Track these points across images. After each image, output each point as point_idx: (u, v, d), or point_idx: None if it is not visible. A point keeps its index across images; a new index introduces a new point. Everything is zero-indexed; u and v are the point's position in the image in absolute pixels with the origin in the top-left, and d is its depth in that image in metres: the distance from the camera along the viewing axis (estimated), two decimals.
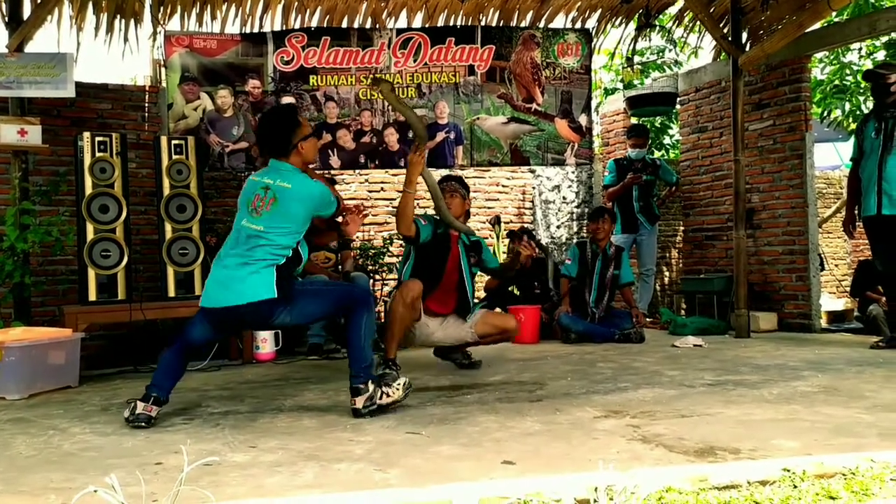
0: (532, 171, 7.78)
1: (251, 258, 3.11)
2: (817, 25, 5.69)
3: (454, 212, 4.33)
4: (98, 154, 4.77)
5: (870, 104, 8.10)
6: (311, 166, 3.54)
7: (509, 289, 6.41)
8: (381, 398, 3.12)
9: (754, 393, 3.36)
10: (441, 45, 5.83)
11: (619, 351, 5.05)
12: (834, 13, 5.83)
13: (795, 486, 1.99)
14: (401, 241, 7.05)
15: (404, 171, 6.93)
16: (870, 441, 2.42)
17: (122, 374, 4.75)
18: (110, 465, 2.41)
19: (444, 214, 4.24)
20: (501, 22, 6.31)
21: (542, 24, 6.36)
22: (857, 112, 8.23)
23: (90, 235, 4.71)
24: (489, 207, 7.63)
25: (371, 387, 3.13)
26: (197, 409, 3.43)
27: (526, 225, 7.61)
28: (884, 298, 5.94)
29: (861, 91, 8.22)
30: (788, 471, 2.08)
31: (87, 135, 4.79)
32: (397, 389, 3.16)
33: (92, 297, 4.71)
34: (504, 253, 6.89)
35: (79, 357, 4.28)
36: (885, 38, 7.60)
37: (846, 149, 12.24)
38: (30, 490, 2.18)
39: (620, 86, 9.06)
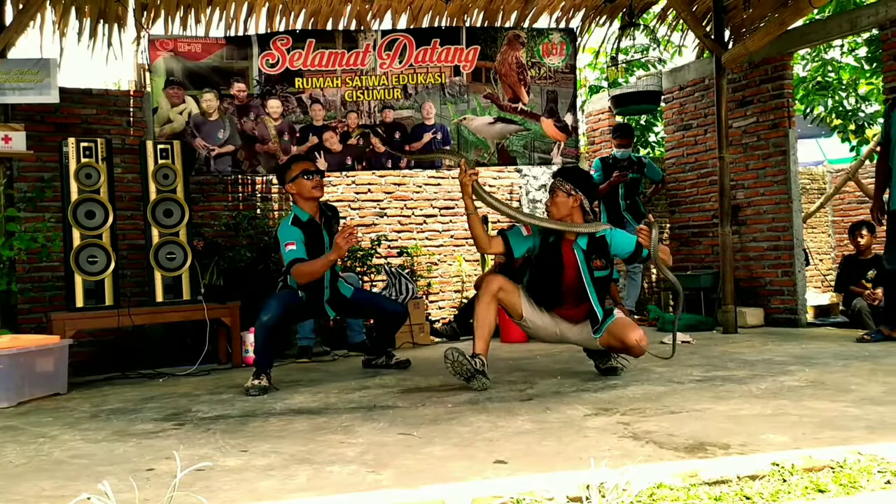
0: (519, 171, 7.80)
1: None
2: (799, 23, 5.74)
3: (558, 213, 3.84)
4: (83, 159, 4.75)
5: (852, 100, 8.19)
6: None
7: None
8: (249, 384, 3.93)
9: (742, 388, 3.39)
10: (426, 47, 5.84)
11: None
12: (815, 10, 5.88)
13: (785, 480, 2.01)
14: (388, 244, 7.06)
15: (391, 171, 6.99)
16: (857, 434, 2.45)
17: (111, 380, 4.73)
18: (102, 471, 2.40)
19: (531, 223, 3.87)
20: (486, 22, 6.33)
21: (526, 25, 6.38)
22: (840, 108, 8.30)
23: (76, 241, 4.69)
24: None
25: (250, 379, 3.97)
26: (187, 413, 3.42)
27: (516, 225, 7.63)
28: (867, 292, 6.00)
29: (843, 87, 8.30)
30: (777, 465, 2.10)
31: (71, 140, 4.77)
32: (253, 384, 3.91)
33: (79, 303, 4.69)
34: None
35: (67, 364, 4.26)
36: (866, 35, 7.66)
37: (830, 145, 12.33)
38: (22, 499, 2.17)
39: (605, 84, 9.09)
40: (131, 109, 5.88)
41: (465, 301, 7.18)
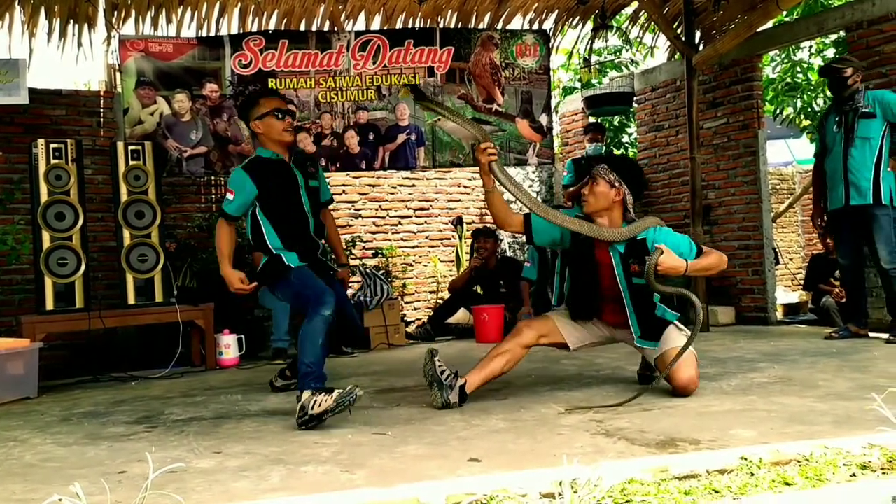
0: None
1: None
2: (768, 25, 5.83)
3: (595, 204, 3.33)
4: (53, 161, 4.70)
5: (821, 101, 8.31)
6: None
7: (474, 288, 6.45)
8: (312, 407, 2.87)
9: (713, 385, 3.44)
10: (400, 48, 5.85)
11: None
12: (783, 13, 5.96)
13: (752, 474, 2.05)
14: (363, 245, 7.05)
15: (365, 173, 6.99)
16: (823, 428, 2.49)
17: (82, 384, 4.68)
18: (73, 475, 2.38)
19: (553, 221, 3.30)
20: (460, 24, 6.34)
21: (500, 26, 6.40)
22: (809, 109, 8.42)
23: (46, 243, 4.64)
24: (451, 208, 7.66)
25: (305, 395, 2.93)
26: (160, 416, 3.40)
27: (489, 225, 7.65)
28: (836, 290, 6.10)
29: (812, 88, 8.42)
30: (746, 459, 2.13)
31: (41, 141, 4.71)
32: (330, 397, 2.87)
33: (49, 306, 4.64)
34: (468, 254, 6.93)
35: (37, 367, 4.21)
36: (833, 36, 7.79)
37: (798, 145, 12.52)
38: None
39: (579, 85, 9.16)
40: (102, 110, 5.83)
41: (440, 302, 7.19)
